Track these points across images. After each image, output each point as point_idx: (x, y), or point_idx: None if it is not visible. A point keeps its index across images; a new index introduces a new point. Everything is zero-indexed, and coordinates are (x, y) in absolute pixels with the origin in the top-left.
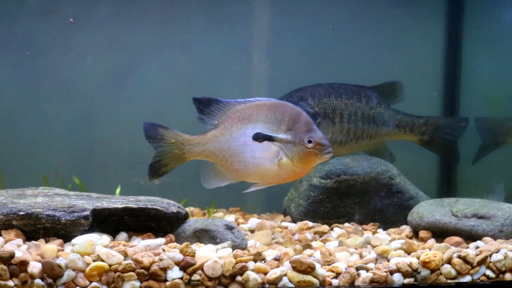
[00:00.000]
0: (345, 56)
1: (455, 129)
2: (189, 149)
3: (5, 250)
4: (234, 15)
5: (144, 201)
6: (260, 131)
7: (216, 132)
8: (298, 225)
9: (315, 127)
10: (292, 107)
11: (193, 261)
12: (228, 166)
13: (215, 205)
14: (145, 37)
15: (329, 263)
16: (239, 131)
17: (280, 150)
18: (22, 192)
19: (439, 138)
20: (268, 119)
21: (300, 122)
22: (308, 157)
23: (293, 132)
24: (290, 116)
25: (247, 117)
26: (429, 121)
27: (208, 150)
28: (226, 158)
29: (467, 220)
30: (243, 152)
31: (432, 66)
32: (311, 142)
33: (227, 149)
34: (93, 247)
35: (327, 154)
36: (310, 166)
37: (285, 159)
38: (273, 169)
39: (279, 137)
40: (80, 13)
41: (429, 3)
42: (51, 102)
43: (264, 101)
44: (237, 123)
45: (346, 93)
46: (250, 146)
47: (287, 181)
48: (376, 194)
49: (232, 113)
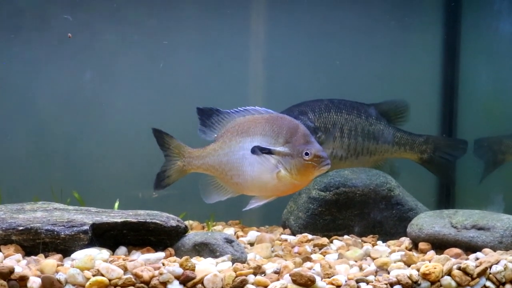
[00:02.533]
0: (341, 68)
1: (454, 150)
2: (189, 162)
3: (4, 266)
4: (232, 24)
5: (144, 215)
6: (258, 144)
7: (215, 146)
8: (297, 237)
9: (312, 140)
10: (289, 120)
11: (193, 275)
12: (227, 180)
13: (214, 218)
14: (141, 46)
15: (329, 276)
16: (238, 144)
17: (278, 163)
18: (21, 207)
19: (439, 158)
20: (266, 132)
21: (297, 135)
22: (306, 170)
23: (290, 145)
24: (288, 129)
25: (245, 130)
26: (429, 140)
27: (207, 163)
28: (226, 171)
29: (466, 232)
30: (242, 166)
31: (429, 78)
32: (309, 155)
33: (226, 163)
34: (92, 261)
35: (325, 166)
36: (309, 179)
37: (283, 171)
38: (272, 182)
39: (277, 150)
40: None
41: (426, 14)
42: (50, 115)
43: (262, 115)
44: (235, 136)
45: (346, 108)
46: (248, 159)
47: (286, 193)
48: (375, 206)
49: (231, 127)
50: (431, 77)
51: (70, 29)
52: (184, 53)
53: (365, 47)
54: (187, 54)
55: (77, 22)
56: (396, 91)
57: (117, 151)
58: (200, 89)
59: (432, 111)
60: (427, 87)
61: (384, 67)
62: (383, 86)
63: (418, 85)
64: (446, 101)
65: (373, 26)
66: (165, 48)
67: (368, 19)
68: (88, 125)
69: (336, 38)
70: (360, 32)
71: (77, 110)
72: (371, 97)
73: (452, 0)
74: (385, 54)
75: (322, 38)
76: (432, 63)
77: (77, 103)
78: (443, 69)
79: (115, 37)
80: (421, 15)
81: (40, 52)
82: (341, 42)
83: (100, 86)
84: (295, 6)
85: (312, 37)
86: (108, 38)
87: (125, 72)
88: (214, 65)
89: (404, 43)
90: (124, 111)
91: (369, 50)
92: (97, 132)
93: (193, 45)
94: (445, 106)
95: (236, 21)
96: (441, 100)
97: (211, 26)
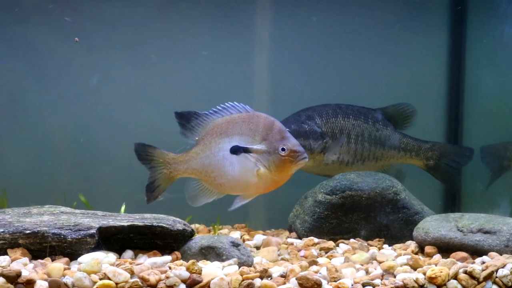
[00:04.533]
0: (346, 71)
1: (460, 157)
2: (174, 168)
3: (11, 269)
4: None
5: (150, 219)
6: (237, 144)
7: (197, 149)
8: (303, 241)
9: (288, 135)
10: (265, 117)
11: (199, 278)
12: (211, 182)
13: (220, 222)
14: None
15: (336, 280)
16: (218, 146)
17: (257, 161)
18: (28, 210)
19: (444, 165)
20: (243, 131)
21: (273, 132)
22: (284, 165)
23: (267, 142)
24: (264, 126)
25: (224, 131)
26: (435, 147)
27: (191, 167)
28: (209, 173)
29: (472, 235)
30: (223, 166)
31: (435, 82)
32: (285, 150)
33: (208, 165)
34: (99, 265)
35: (302, 160)
36: (288, 174)
37: (262, 169)
38: (253, 180)
39: (254, 148)
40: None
41: (431, 18)
42: (56, 119)
43: (239, 114)
44: (215, 138)
45: (353, 113)
46: (229, 159)
47: (268, 190)
48: (381, 209)
49: (210, 129)
50: (437, 81)
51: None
52: (190, 57)
53: (371, 51)
54: (193, 58)
55: (82, 24)
56: (402, 95)
57: (124, 155)
58: (206, 93)
59: (438, 116)
60: (433, 91)
61: (390, 71)
62: (389, 90)
63: (423, 89)
64: (452, 105)
65: (379, 30)
66: (174, 52)
67: (374, 22)
68: (95, 128)
69: (342, 41)
70: (366, 35)
71: (83, 114)
72: (377, 101)
73: (458, 4)
74: (391, 57)
75: (327, 42)
76: (437, 67)
77: (83, 106)
78: (448, 73)
79: (123, 40)
80: (427, 19)
81: (47, 56)
82: (347, 45)
83: (107, 89)
84: (300, 10)
85: (317, 40)
86: (115, 42)
87: (134, 76)
88: (220, 70)
89: (410, 47)
90: (131, 115)
91: (375, 53)
92: (103, 136)
93: (199, 49)
94: (451, 111)
95: (241, 25)
96: (447, 104)
97: (217, 30)
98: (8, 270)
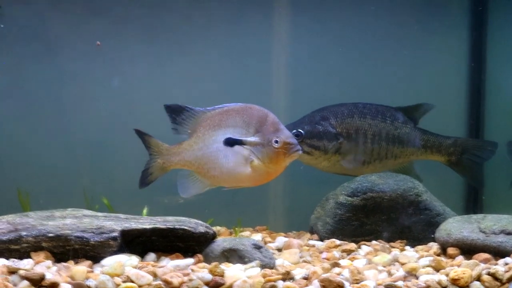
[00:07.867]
0: (366, 73)
1: (483, 152)
2: (168, 159)
3: (35, 272)
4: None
5: (172, 222)
6: (230, 136)
7: (190, 141)
8: (325, 243)
9: (282, 127)
10: (259, 109)
11: (222, 281)
12: (204, 174)
13: (241, 224)
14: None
15: (358, 281)
16: (211, 138)
17: (251, 153)
18: (51, 214)
19: (467, 160)
20: (237, 123)
21: (267, 124)
22: (277, 157)
23: (261, 134)
24: (257, 118)
25: (217, 123)
26: (457, 142)
27: (184, 159)
28: (202, 165)
29: (495, 237)
30: (217, 158)
31: (456, 82)
32: (278, 142)
33: (201, 157)
34: (122, 268)
35: (295, 152)
36: (282, 166)
37: (256, 161)
38: (247, 172)
39: (248, 140)
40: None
41: (452, 18)
42: (79, 122)
43: (233, 106)
44: (208, 130)
45: (370, 113)
46: (222, 151)
47: (262, 182)
48: (403, 211)
49: (203, 121)
50: (458, 81)
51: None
52: (207, 58)
53: (392, 51)
54: (211, 59)
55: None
56: (423, 95)
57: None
58: (224, 94)
59: (459, 115)
60: (454, 90)
61: (411, 71)
62: (410, 90)
63: (445, 89)
64: (473, 105)
65: (399, 31)
66: (189, 53)
67: (394, 23)
68: (116, 131)
69: (361, 43)
70: (386, 36)
71: (105, 116)
72: (397, 101)
73: (479, 4)
74: (411, 58)
75: (346, 43)
76: (458, 66)
77: (104, 109)
78: (469, 72)
79: (143, 44)
80: (448, 19)
81: (70, 58)
82: (367, 46)
83: (128, 92)
84: (319, 11)
85: (336, 41)
86: (134, 46)
87: (156, 79)
88: (238, 70)
89: (431, 47)
90: (152, 117)
91: (396, 54)
92: (125, 138)
93: (217, 50)
94: (472, 110)
95: (260, 26)
96: (468, 104)
97: (235, 31)
98: (32, 273)
